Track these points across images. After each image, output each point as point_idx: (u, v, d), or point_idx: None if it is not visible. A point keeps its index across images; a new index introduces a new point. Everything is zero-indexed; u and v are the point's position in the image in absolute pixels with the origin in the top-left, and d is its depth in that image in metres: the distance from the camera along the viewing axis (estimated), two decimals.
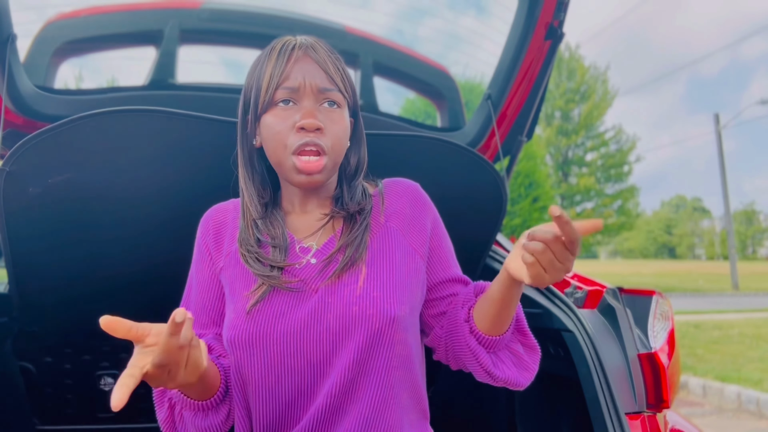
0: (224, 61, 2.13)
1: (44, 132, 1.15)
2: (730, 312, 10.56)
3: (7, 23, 1.37)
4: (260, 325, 0.89)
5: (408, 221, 1.00)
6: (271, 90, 0.90)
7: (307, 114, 0.89)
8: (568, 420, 1.55)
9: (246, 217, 0.98)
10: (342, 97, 0.93)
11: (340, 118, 0.93)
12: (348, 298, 0.89)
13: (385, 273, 0.93)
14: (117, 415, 1.67)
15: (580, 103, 22.87)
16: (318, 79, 0.91)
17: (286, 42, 0.94)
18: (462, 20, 2.14)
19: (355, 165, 1.02)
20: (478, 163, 1.46)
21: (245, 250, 0.94)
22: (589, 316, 1.35)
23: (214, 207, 1.06)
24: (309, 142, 0.88)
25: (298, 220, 1.00)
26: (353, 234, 0.94)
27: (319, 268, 0.92)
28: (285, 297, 0.91)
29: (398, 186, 1.04)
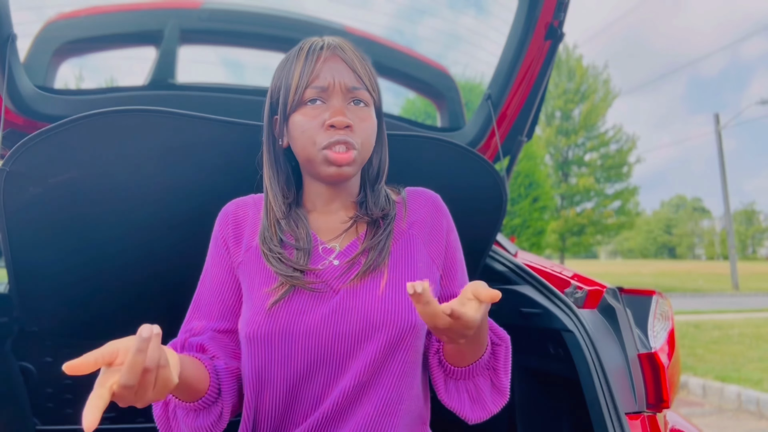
0: (224, 61, 2.13)
1: (44, 132, 1.15)
2: (730, 312, 10.56)
3: (7, 23, 1.37)
4: (280, 322, 0.89)
5: (429, 231, 1.01)
6: (300, 89, 0.91)
7: (336, 112, 0.90)
8: (568, 420, 1.55)
9: (269, 216, 0.98)
10: (369, 96, 0.95)
11: (369, 116, 0.94)
12: (370, 301, 0.90)
13: (407, 279, 0.93)
14: (117, 415, 1.67)
15: (579, 104, 22.86)
16: (347, 78, 0.92)
17: (314, 42, 0.94)
18: (462, 20, 2.14)
19: (377, 167, 1.03)
20: (478, 163, 1.46)
21: (267, 249, 0.94)
22: (589, 316, 1.35)
23: (234, 201, 1.06)
24: (339, 139, 0.89)
25: (320, 219, 1.00)
26: (377, 238, 0.95)
27: (341, 270, 0.93)
28: (306, 296, 0.91)
29: (421, 195, 1.06)
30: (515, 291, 1.54)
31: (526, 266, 1.63)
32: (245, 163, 1.34)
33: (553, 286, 1.47)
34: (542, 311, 1.42)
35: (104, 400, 0.66)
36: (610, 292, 1.39)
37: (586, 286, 1.49)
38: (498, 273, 1.70)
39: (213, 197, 1.36)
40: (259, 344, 0.90)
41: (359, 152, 0.92)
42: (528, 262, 1.74)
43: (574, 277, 1.60)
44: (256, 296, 0.93)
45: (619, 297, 1.38)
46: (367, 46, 2.09)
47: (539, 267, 1.72)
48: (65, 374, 1.70)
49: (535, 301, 1.45)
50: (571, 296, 1.47)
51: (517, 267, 1.64)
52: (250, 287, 0.95)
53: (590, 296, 1.44)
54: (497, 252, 1.76)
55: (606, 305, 1.37)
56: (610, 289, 1.40)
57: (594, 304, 1.41)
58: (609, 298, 1.37)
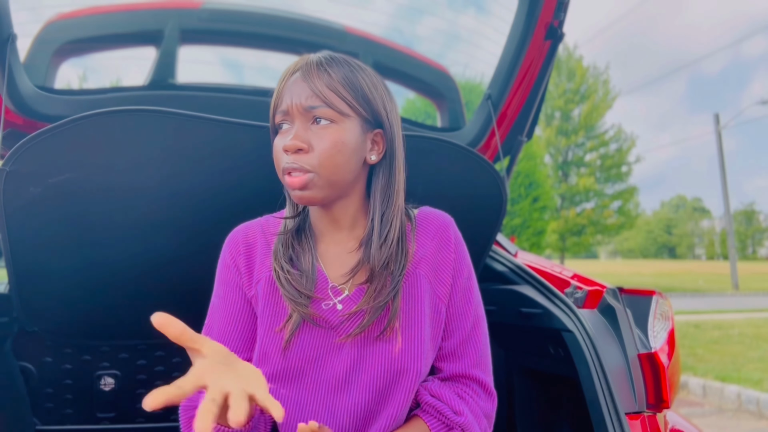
0: (224, 61, 2.13)
1: (44, 132, 1.15)
2: (730, 312, 10.56)
3: (7, 23, 1.37)
4: (292, 367, 0.92)
5: (435, 266, 0.98)
6: (272, 117, 0.93)
7: (290, 137, 0.88)
8: (568, 420, 1.55)
9: (285, 230, 0.98)
10: (332, 111, 0.88)
11: (331, 133, 0.88)
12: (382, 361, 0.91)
13: (415, 334, 0.93)
14: (117, 415, 1.67)
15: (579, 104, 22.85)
16: (303, 98, 0.88)
17: (293, 64, 0.94)
18: (462, 20, 2.14)
19: (384, 186, 0.95)
20: (479, 164, 1.46)
21: (278, 266, 0.93)
22: (589, 316, 1.35)
23: (241, 228, 1.03)
24: (289, 163, 0.87)
25: (330, 249, 0.98)
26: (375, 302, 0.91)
27: (345, 316, 0.92)
28: (315, 336, 0.92)
29: (431, 224, 1.01)
30: (515, 291, 1.54)
31: (526, 266, 1.63)
32: (245, 163, 1.34)
33: (553, 286, 1.47)
34: (542, 311, 1.42)
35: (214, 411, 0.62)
36: (610, 292, 1.39)
37: (586, 286, 1.49)
38: (498, 273, 1.70)
39: (213, 197, 1.36)
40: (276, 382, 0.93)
41: (317, 174, 0.87)
42: (528, 262, 1.74)
43: (574, 277, 1.60)
44: (268, 334, 0.94)
45: (619, 297, 1.38)
46: (367, 46, 2.09)
47: (539, 267, 1.72)
48: (65, 374, 1.71)
49: (535, 301, 1.45)
50: (571, 296, 1.47)
51: (517, 267, 1.64)
52: (261, 324, 0.95)
53: (590, 296, 1.44)
54: (497, 252, 1.76)
55: (606, 305, 1.36)
56: (610, 289, 1.40)
57: (594, 304, 1.41)
58: (609, 298, 1.37)
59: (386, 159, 0.95)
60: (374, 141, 0.95)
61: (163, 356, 1.69)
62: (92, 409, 1.64)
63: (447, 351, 0.99)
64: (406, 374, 0.91)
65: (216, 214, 1.37)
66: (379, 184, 0.95)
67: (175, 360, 1.70)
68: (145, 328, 1.73)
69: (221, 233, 1.39)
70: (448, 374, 0.99)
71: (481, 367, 0.99)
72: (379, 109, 0.93)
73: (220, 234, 1.39)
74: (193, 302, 1.51)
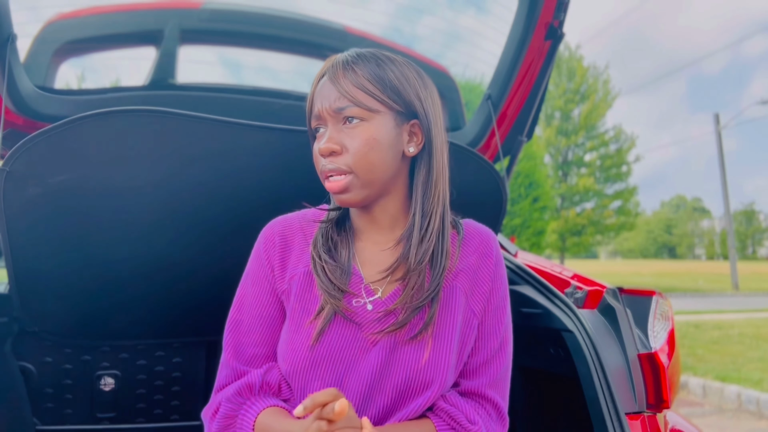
0: (224, 61, 2.13)
1: (44, 132, 1.15)
2: (730, 312, 10.56)
3: (7, 23, 1.37)
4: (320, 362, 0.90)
5: (473, 281, 0.97)
6: (308, 121, 0.95)
7: (321, 139, 0.90)
8: (568, 420, 1.55)
9: (327, 219, 0.98)
10: (361, 109, 0.87)
11: (362, 132, 0.87)
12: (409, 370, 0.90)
13: (446, 346, 0.91)
14: (117, 415, 1.67)
15: (579, 104, 22.85)
16: (331, 100, 0.88)
17: (321, 68, 0.94)
18: (462, 20, 2.14)
19: (425, 177, 0.93)
20: (479, 163, 1.46)
21: (316, 254, 0.94)
22: (589, 316, 1.35)
23: (279, 221, 1.02)
24: (324, 166, 0.89)
25: (367, 249, 0.98)
26: (413, 303, 0.90)
27: (376, 316, 0.92)
28: (345, 333, 0.91)
29: (475, 237, 1.00)
30: (515, 291, 1.54)
31: (526, 266, 1.63)
32: (245, 163, 1.34)
33: (553, 286, 1.46)
34: (542, 311, 1.42)
35: None
36: (610, 293, 1.39)
37: (586, 286, 1.49)
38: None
39: (213, 198, 1.36)
40: (298, 380, 0.92)
41: (355, 175, 0.88)
42: (528, 262, 1.74)
43: (574, 277, 1.60)
44: (298, 332, 0.93)
45: (619, 297, 1.38)
46: (367, 46, 2.09)
47: (539, 267, 1.72)
48: (65, 374, 1.71)
49: (535, 301, 1.45)
50: (571, 296, 1.47)
51: (517, 267, 1.64)
52: (291, 320, 0.95)
53: (590, 296, 1.44)
54: None
55: (606, 305, 1.36)
56: (610, 290, 1.40)
57: (594, 305, 1.41)
58: (609, 298, 1.37)
59: (426, 149, 0.93)
60: (412, 132, 0.93)
61: (163, 356, 1.69)
62: (92, 409, 1.64)
63: (469, 367, 0.97)
64: (430, 385, 0.90)
65: (216, 214, 1.37)
66: (420, 176, 0.93)
67: (175, 360, 1.70)
68: (145, 328, 1.74)
69: (221, 233, 1.39)
70: (464, 390, 0.97)
71: (498, 390, 0.97)
72: (412, 99, 0.91)
73: (220, 234, 1.39)
74: (193, 302, 1.51)
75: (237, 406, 0.91)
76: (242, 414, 0.90)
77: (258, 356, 0.97)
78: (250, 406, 0.90)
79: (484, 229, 1.02)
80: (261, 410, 0.89)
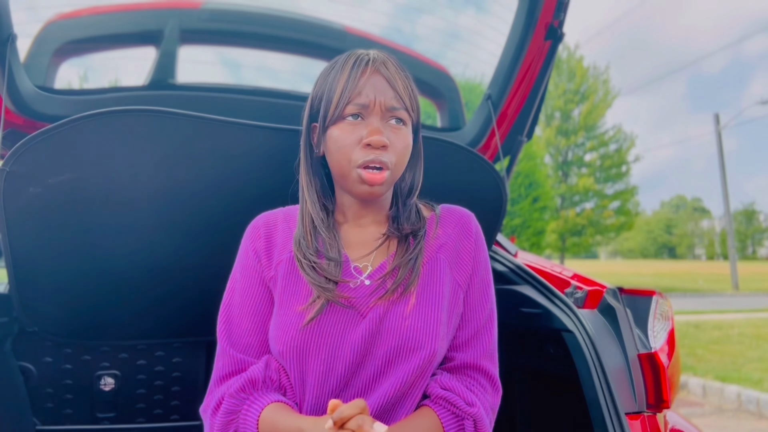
0: (224, 61, 2.12)
1: (44, 132, 1.15)
2: (730, 312, 10.56)
3: (7, 23, 1.37)
4: (311, 340, 0.92)
5: (456, 254, 1.02)
6: (342, 104, 0.92)
7: (375, 131, 0.91)
8: (568, 420, 1.55)
9: (305, 223, 0.99)
10: (408, 115, 0.96)
11: (405, 135, 0.95)
12: (396, 328, 0.92)
13: (433, 307, 0.94)
14: (117, 415, 1.67)
15: (579, 104, 22.84)
16: (388, 97, 0.93)
17: (360, 56, 0.95)
18: (462, 20, 2.14)
19: (410, 183, 1.04)
20: (479, 163, 1.46)
21: (302, 256, 0.96)
22: (589, 316, 1.35)
23: (262, 215, 1.07)
24: (374, 159, 0.91)
25: (351, 233, 1.02)
26: (407, 256, 0.96)
27: (372, 288, 0.94)
28: (336, 315, 0.93)
29: (452, 215, 1.06)
30: (515, 291, 1.54)
31: (526, 266, 1.63)
32: (246, 163, 1.34)
33: (553, 286, 1.47)
34: (542, 311, 1.42)
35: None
36: (610, 292, 1.39)
37: (586, 286, 1.49)
38: (498, 273, 1.70)
39: (213, 197, 1.36)
40: (290, 360, 0.93)
41: (392, 172, 0.93)
42: (528, 262, 1.74)
43: (574, 277, 1.60)
44: (287, 314, 0.94)
45: (619, 297, 1.38)
46: (367, 46, 2.09)
47: (539, 267, 1.72)
48: (65, 374, 1.71)
49: (535, 301, 1.45)
50: (571, 296, 1.47)
51: (517, 267, 1.64)
52: (280, 304, 0.96)
53: (590, 296, 1.44)
54: (497, 252, 1.76)
55: (606, 305, 1.36)
56: (610, 290, 1.40)
57: (594, 304, 1.41)
58: (609, 298, 1.37)
59: (414, 156, 1.04)
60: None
61: (163, 356, 1.69)
62: (92, 409, 1.64)
63: (461, 340, 1.00)
64: (418, 348, 0.91)
65: (215, 214, 1.37)
66: (404, 176, 1.04)
67: (175, 360, 1.70)
68: (145, 328, 1.74)
69: (220, 233, 1.39)
70: (459, 363, 0.99)
71: (491, 360, 1.01)
72: (419, 117, 1.02)
73: (219, 234, 1.39)
74: (193, 302, 1.51)
75: (240, 401, 0.92)
76: (245, 410, 0.91)
77: (251, 345, 0.99)
78: (253, 402, 0.91)
79: (462, 209, 1.08)
80: (264, 406, 0.90)
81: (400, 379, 0.91)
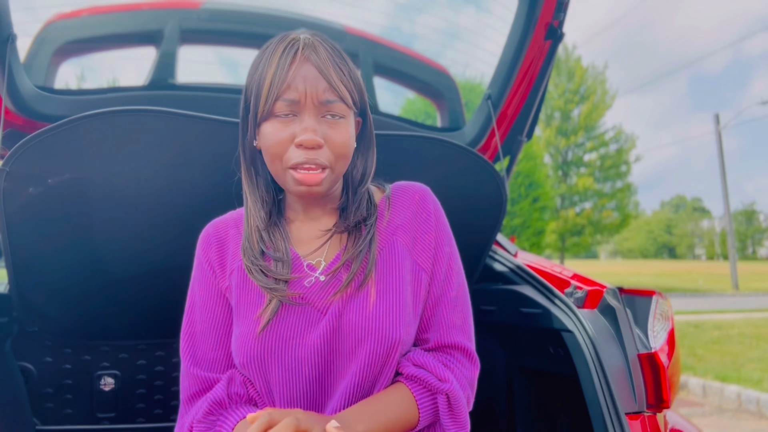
0: (224, 61, 2.13)
1: (44, 132, 1.15)
2: (730, 312, 10.56)
3: (7, 23, 1.37)
4: (271, 347, 0.89)
5: (413, 235, 0.97)
6: (270, 100, 0.85)
7: (306, 129, 0.84)
8: (568, 420, 1.55)
9: (250, 223, 0.95)
10: (345, 107, 0.87)
11: (343, 128, 0.87)
12: (357, 320, 0.88)
13: (394, 294, 0.90)
14: (117, 415, 1.67)
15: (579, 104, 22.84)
16: (320, 89, 0.85)
17: (289, 42, 0.87)
18: (462, 20, 2.14)
19: (361, 170, 0.98)
20: (479, 164, 1.46)
21: (249, 261, 0.92)
22: (589, 316, 1.35)
23: (213, 223, 1.02)
24: (308, 159, 0.84)
25: (302, 229, 0.97)
26: (357, 248, 0.91)
27: (326, 283, 0.91)
28: (294, 316, 0.90)
29: (405, 193, 1.00)
30: (515, 291, 1.54)
31: (526, 266, 1.63)
32: None
33: (553, 286, 1.46)
34: (542, 311, 1.42)
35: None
36: (610, 292, 1.39)
37: (586, 286, 1.49)
38: (498, 273, 1.70)
39: (213, 198, 1.36)
40: (252, 370, 0.90)
41: (331, 170, 0.87)
42: (528, 262, 1.74)
43: (574, 277, 1.60)
44: (245, 322, 0.91)
45: (619, 297, 1.38)
46: (367, 46, 2.09)
47: (539, 267, 1.72)
48: (65, 374, 1.70)
49: (535, 301, 1.45)
50: (571, 296, 1.47)
51: (517, 267, 1.63)
52: (237, 313, 0.94)
53: (590, 296, 1.44)
54: (497, 252, 1.76)
55: (606, 305, 1.36)
56: (610, 289, 1.40)
57: (594, 304, 1.41)
58: (609, 298, 1.37)
59: (363, 142, 0.98)
60: (355, 124, 0.95)
61: (163, 356, 1.69)
62: (92, 409, 1.64)
63: (432, 319, 0.96)
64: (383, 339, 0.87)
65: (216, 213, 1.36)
66: (353, 165, 0.97)
67: (174, 360, 1.70)
68: (145, 328, 1.74)
69: None
70: (434, 344, 0.96)
71: (465, 334, 0.97)
72: (365, 99, 0.94)
73: None
74: None
75: (210, 425, 0.90)
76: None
77: (216, 360, 0.95)
78: (223, 423, 0.89)
79: (416, 184, 1.02)
80: (234, 425, 0.88)
81: (365, 368, 0.88)
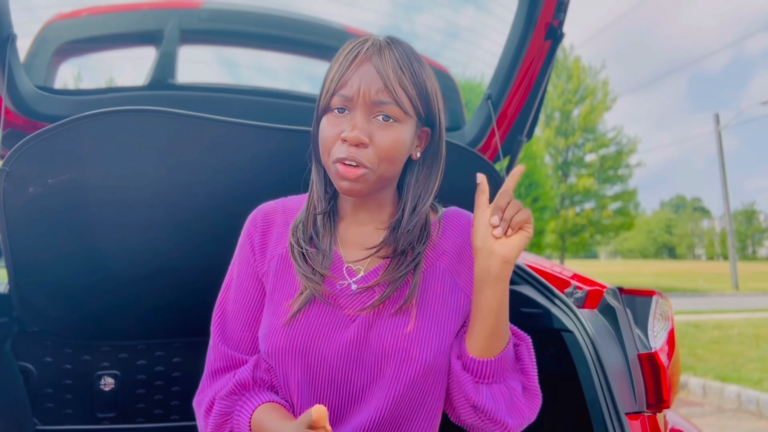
0: (224, 61, 2.13)
1: (44, 132, 1.15)
2: (730, 312, 10.56)
3: (7, 23, 1.37)
4: (296, 339, 0.90)
5: (459, 259, 0.97)
6: (328, 95, 0.88)
7: (353, 126, 0.86)
8: (568, 420, 1.55)
9: (309, 209, 0.96)
10: (401, 111, 0.87)
11: (394, 132, 0.87)
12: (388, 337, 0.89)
13: (432, 321, 0.91)
14: (117, 415, 1.67)
15: (578, 104, 22.84)
16: (374, 89, 0.86)
17: (355, 44, 0.90)
18: (462, 19, 2.14)
19: (423, 187, 0.96)
20: (479, 164, 1.46)
21: (295, 242, 0.93)
22: (589, 316, 1.35)
23: (262, 206, 1.04)
24: (349, 155, 0.85)
25: (350, 230, 0.98)
26: (399, 272, 0.91)
27: (357, 294, 0.92)
28: (324, 314, 0.91)
29: (457, 221, 1.00)
30: (515, 291, 1.54)
31: (526, 266, 1.63)
32: (246, 163, 1.34)
33: (553, 286, 1.46)
34: (542, 311, 1.42)
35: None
36: (610, 292, 1.39)
37: (586, 286, 1.49)
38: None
39: (213, 198, 1.36)
40: (275, 360, 0.91)
41: (372, 171, 0.86)
42: (528, 262, 1.74)
43: (574, 277, 1.60)
44: (275, 311, 0.93)
45: (619, 297, 1.38)
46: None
47: (539, 267, 1.72)
48: (65, 374, 1.70)
49: (535, 301, 1.45)
50: (571, 296, 1.47)
51: (517, 267, 1.63)
52: (270, 300, 0.95)
53: (590, 296, 1.44)
54: None
55: (606, 305, 1.36)
56: (610, 289, 1.40)
57: (594, 304, 1.41)
58: (609, 298, 1.37)
59: (429, 156, 0.96)
60: (419, 137, 0.95)
61: (163, 356, 1.69)
62: (92, 409, 1.64)
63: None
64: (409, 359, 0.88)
65: (216, 213, 1.37)
66: (414, 178, 0.96)
67: (175, 360, 1.70)
68: (145, 328, 1.73)
69: (220, 232, 1.39)
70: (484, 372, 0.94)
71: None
72: (435, 112, 0.93)
73: (220, 233, 1.39)
74: (193, 301, 1.51)
75: (232, 403, 0.92)
76: (237, 411, 0.91)
77: (243, 340, 0.97)
78: (245, 403, 0.91)
79: (468, 215, 1.02)
80: (256, 407, 0.89)
81: (394, 392, 0.88)
